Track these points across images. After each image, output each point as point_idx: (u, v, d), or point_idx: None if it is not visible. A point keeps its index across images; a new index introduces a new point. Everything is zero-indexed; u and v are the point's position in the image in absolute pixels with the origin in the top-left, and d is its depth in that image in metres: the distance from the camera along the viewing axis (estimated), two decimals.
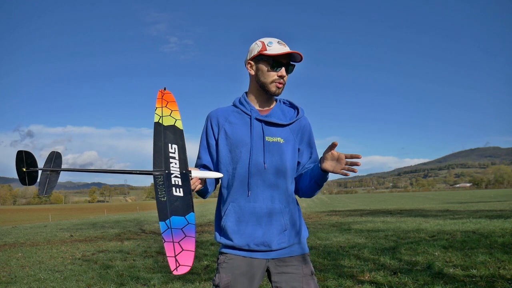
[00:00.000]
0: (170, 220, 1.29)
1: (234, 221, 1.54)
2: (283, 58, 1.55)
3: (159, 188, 1.37)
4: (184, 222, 1.29)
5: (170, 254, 1.21)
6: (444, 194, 63.92)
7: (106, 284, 4.44)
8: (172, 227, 1.27)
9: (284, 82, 1.58)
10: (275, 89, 1.57)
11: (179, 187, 1.38)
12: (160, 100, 1.57)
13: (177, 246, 1.23)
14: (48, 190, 1.43)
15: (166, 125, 1.51)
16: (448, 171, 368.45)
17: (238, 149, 1.57)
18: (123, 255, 6.62)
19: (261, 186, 1.54)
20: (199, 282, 4.28)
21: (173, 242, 1.24)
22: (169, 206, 1.32)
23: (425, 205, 23.26)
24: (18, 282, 4.75)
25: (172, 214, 1.30)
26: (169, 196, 1.34)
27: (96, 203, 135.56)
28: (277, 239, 1.53)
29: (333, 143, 1.44)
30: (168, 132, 1.49)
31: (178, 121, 1.54)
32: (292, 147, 1.59)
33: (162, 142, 1.47)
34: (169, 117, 1.53)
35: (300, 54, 1.53)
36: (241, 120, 1.61)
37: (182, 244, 1.24)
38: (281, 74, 1.55)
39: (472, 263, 4.52)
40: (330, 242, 7.03)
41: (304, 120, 1.67)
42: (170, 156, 1.45)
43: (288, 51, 1.53)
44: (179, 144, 1.48)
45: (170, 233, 1.26)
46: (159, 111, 1.53)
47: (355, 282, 3.94)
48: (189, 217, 1.31)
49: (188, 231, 1.27)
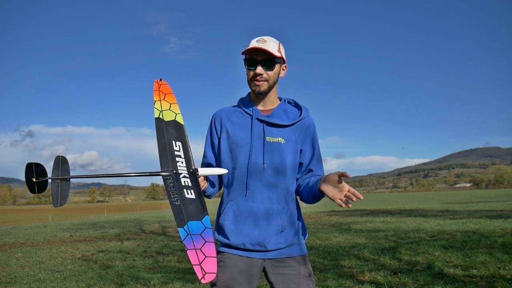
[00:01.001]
0: (188, 226, 1.27)
1: (232, 220, 1.55)
2: (258, 55, 1.52)
3: (171, 191, 1.34)
4: (202, 227, 1.28)
5: (195, 262, 1.20)
6: (444, 194, 63.92)
7: (106, 284, 4.44)
8: (192, 233, 1.26)
9: (263, 78, 1.55)
10: (254, 87, 1.57)
11: (190, 189, 1.36)
12: (158, 92, 1.51)
13: (200, 253, 1.22)
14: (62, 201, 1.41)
15: (167, 121, 1.47)
16: (448, 171, 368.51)
17: (238, 149, 1.57)
18: (123, 255, 6.62)
19: (259, 186, 1.55)
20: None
21: (195, 249, 1.22)
22: (184, 210, 1.30)
23: (425, 205, 23.26)
24: (18, 282, 4.74)
25: (188, 219, 1.28)
26: (182, 199, 1.32)
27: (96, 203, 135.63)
28: (273, 240, 1.53)
29: (344, 173, 1.37)
30: (170, 128, 1.46)
31: (179, 115, 1.50)
32: (293, 147, 1.58)
33: (165, 140, 1.43)
34: (169, 111, 1.49)
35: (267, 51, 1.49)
36: (243, 120, 1.62)
37: (204, 250, 1.23)
38: (255, 72, 1.54)
39: (472, 263, 4.51)
40: (330, 242, 7.03)
41: (308, 120, 1.65)
42: (175, 154, 1.42)
43: (254, 46, 1.50)
44: (182, 141, 1.46)
45: (191, 240, 1.24)
46: (158, 104, 1.48)
47: (355, 282, 3.94)
48: (205, 221, 1.30)
49: (207, 236, 1.26)
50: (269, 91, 1.60)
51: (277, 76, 1.59)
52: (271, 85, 1.58)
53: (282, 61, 1.59)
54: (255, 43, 1.53)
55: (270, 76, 1.56)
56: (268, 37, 1.56)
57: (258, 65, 1.53)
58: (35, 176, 1.40)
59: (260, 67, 1.53)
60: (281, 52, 1.57)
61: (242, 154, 1.56)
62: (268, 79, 1.56)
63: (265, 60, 1.53)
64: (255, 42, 1.54)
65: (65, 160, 1.44)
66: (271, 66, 1.55)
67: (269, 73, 1.55)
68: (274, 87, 1.62)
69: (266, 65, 1.54)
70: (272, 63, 1.54)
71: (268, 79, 1.56)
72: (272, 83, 1.58)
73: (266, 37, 1.56)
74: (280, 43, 1.59)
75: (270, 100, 1.64)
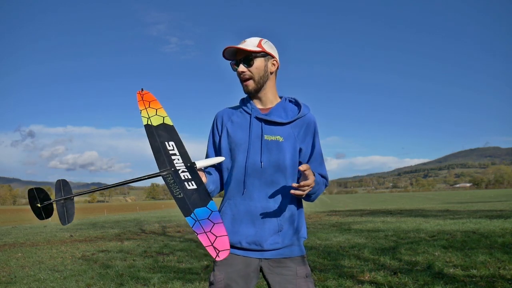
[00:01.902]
0: (194, 214, 1.31)
1: (229, 219, 1.56)
2: (239, 54, 1.57)
3: (172, 187, 1.38)
4: (208, 211, 1.32)
5: (207, 243, 1.24)
6: (444, 194, 63.93)
7: (106, 284, 4.44)
8: (199, 219, 1.30)
9: (247, 76, 1.57)
10: (244, 88, 1.61)
11: (190, 181, 1.40)
12: (142, 102, 1.58)
13: (210, 235, 1.26)
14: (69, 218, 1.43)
15: (156, 125, 1.53)
16: (448, 171, 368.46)
17: (237, 148, 1.58)
18: (123, 255, 6.62)
19: (257, 185, 1.54)
20: (199, 282, 4.28)
21: (205, 233, 1.26)
22: (188, 200, 1.34)
23: (425, 205, 23.27)
24: (18, 282, 4.74)
25: (194, 207, 1.32)
26: (184, 192, 1.36)
27: (96, 203, 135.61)
28: (270, 239, 1.52)
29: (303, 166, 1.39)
30: (160, 131, 1.51)
31: (166, 118, 1.56)
32: (292, 145, 1.57)
33: (158, 142, 1.48)
34: (156, 116, 1.55)
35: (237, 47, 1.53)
36: (243, 119, 1.62)
37: (214, 231, 1.27)
38: (238, 72, 1.58)
39: (472, 263, 4.52)
40: (330, 242, 7.02)
41: (309, 117, 1.63)
42: (171, 153, 1.46)
43: (227, 46, 1.55)
44: (175, 140, 1.50)
45: (200, 225, 1.28)
46: (145, 112, 1.55)
47: (355, 282, 3.94)
48: (210, 205, 1.34)
49: (214, 219, 1.30)
50: (259, 88, 1.60)
51: (262, 71, 1.58)
52: (258, 81, 1.58)
53: (265, 55, 1.58)
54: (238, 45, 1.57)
55: (254, 72, 1.56)
56: (252, 38, 1.59)
57: (240, 64, 1.57)
58: (39, 201, 1.39)
59: (242, 65, 1.56)
60: (262, 47, 1.57)
61: (240, 152, 1.57)
62: (253, 75, 1.57)
63: (244, 58, 1.56)
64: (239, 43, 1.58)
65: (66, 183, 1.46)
66: (249, 62, 1.56)
67: (250, 69, 1.56)
68: (268, 85, 1.61)
69: (246, 62, 1.56)
70: (250, 58, 1.56)
71: (253, 76, 1.57)
72: (259, 79, 1.58)
73: (251, 38, 1.59)
74: (262, 39, 1.59)
75: (268, 98, 1.63)
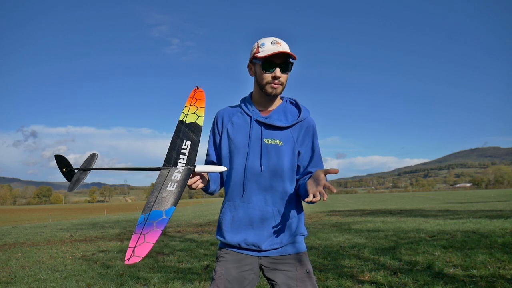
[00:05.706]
0: (150, 214, 1.32)
1: (229, 220, 1.59)
2: (277, 58, 1.51)
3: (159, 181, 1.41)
4: (161, 215, 1.31)
5: (132, 244, 1.24)
6: (444, 194, 63.92)
7: (106, 284, 4.44)
8: (148, 220, 1.30)
9: (280, 82, 1.55)
10: (271, 90, 1.55)
11: (175, 182, 1.41)
12: (190, 98, 1.61)
13: (141, 238, 1.25)
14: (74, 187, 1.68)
15: (188, 123, 1.55)
16: (448, 171, 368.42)
17: (236, 150, 1.59)
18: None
19: (255, 188, 1.56)
20: (199, 282, 4.29)
21: (139, 234, 1.26)
22: (155, 199, 1.36)
23: (425, 205, 23.26)
24: (18, 282, 4.74)
25: (154, 207, 1.33)
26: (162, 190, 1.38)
27: (96, 203, 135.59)
28: (268, 241, 1.55)
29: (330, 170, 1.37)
30: (187, 129, 1.53)
31: (200, 118, 1.56)
32: (291, 149, 1.58)
33: (178, 139, 1.51)
34: (193, 114, 1.57)
35: (291, 54, 1.50)
36: (243, 121, 1.63)
37: (147, 236, 1.26)
38: (274, 75, 1.52)
39: (472, 263, 4.51)
40: (330, 242, 7.02)
41: (308, 122, 1.63)
42: (181, 152, 1.48)
43: (277, 51, 1.48)
44: (193, 141, 1.51)
45: (142, 227, 1.28)
46: (186, 109, 1.58)
47: (355, 282, 3.94)
48: (167, 211, 1.33)
49: (159, 224, 1.29)
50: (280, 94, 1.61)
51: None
52: (284, 88, 1.59)
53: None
54: (276, 47, 1.51)
55: (285, 79, 1.57)
56: (278, 39, 1.55)
57: (276, 68, 1.53)
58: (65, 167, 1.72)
59: (279, 70, 1.53)
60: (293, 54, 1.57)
61: (240, 155, 1.58)
62: (284, 82, 1.57)
63: (283, 63, 1.53)
64: (269, 43, 1.52)
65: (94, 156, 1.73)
66: (288, 69, 1.55)
67: (284, 75, 1.55)
68: None
69: (284, 68, 1.54)
70: (290, 66, 1.55)
71: (283, 83, 1.57)
72: (285, 86, 1.59)
73: (276, 38, 1.55)
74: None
75: (270, 100, 1.63)
